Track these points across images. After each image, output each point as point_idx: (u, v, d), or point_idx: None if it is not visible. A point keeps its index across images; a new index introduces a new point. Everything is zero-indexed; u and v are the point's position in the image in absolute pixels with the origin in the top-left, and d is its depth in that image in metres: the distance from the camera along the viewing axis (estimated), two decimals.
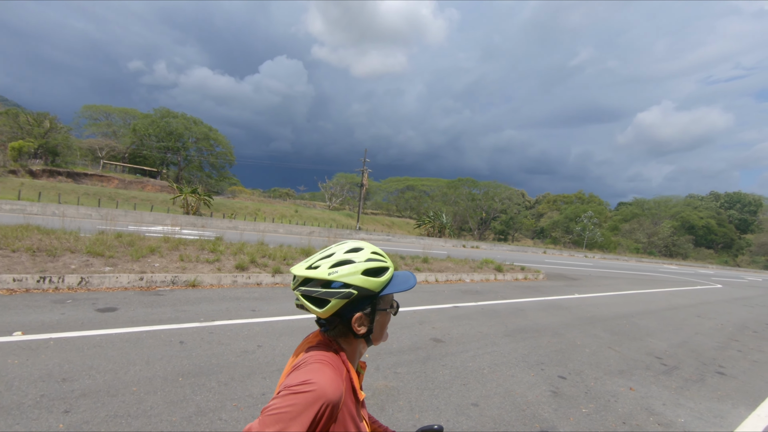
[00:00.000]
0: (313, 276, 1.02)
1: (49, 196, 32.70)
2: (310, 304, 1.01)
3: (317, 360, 0.95)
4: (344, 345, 1.05)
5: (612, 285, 15.73)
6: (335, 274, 1.00)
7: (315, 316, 1.03)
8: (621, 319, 8.61)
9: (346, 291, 0.99)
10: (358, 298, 1.01)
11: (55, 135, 47.53)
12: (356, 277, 1.00)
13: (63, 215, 14.07)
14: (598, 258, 46.97)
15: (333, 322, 1.03)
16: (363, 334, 1.03)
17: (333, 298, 0.98)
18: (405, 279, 1.08)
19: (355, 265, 1.02)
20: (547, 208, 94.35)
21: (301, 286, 1.03)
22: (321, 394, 0.85)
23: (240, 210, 44.94)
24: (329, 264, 1.02)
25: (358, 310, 1.02)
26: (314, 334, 1.11)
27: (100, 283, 6.69)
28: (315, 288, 1.01)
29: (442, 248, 30.75)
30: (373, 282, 1.01)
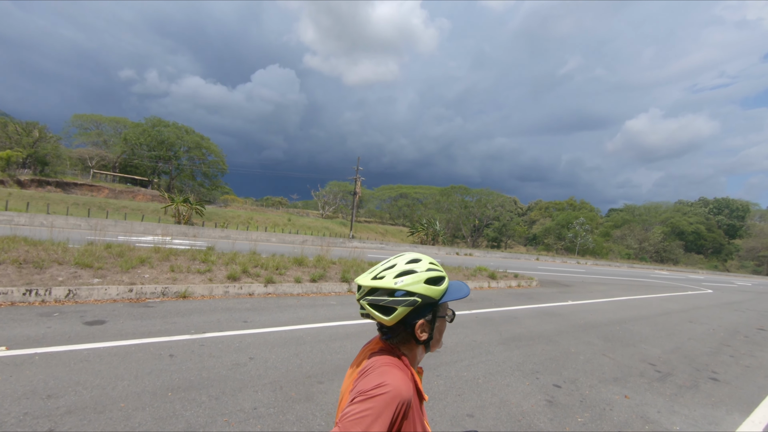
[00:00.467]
0: (379, 285, 1.09)
1: (38, 206, 32.24)
2: (377, 312, 1.09)
3: (384, 364, 1.03)
4: (405, 351, 1.12)
5: (605, 291, 15.80)
6: (401, 283, 1.08)
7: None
8: (614, 326, 8.63)
9: (411, 299, 1.07)
10: (421, 305, 1.08)
11: (44, 144, 47.04)
12: (419, 285, 1.08)
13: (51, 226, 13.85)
14: (591, 264, 47.26)
15: (396, 329, 1.11)
16: (424, 340, 1.11)
17: (399, 306, 1.06)
18: (460, 287, 1.16)
19: (417, 275, 1.10)
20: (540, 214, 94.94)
21: (367, 295, 1.11)
22: (396, 394, 0.93)
23: (232, 219, 44.64)
24: (393, 274, 1.10)
25: (421, 317, 1.09)
26: (374, 342, 1.18)
27: (88, 296, 6.57)
28: (382, 297, 1.08)
29: (435, 255, 30.72)
30: (434, 290, 1.09)
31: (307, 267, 10.65)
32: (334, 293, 9.44)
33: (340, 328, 6.24)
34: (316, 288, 9.33)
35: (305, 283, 9.24)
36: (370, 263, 12.66)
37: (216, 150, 63.10)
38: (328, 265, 11.18)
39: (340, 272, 10.41)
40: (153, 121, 58.67)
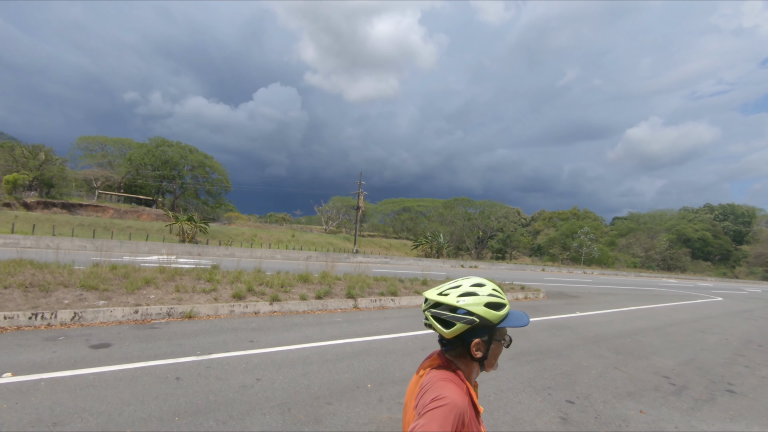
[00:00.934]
0: (443, 301, 1.23)
1: (44, 228, 32.45)
2: (438, 324, 1.23)
3: (440, 378, 1.15)
4: (461, 365, 1.23)
5: (613, 302, 15.61)
6: (462, 302, 1.20)
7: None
8: (625, 338, 8.49)
9: (470, 318, 1.19)
10: (479, 326, 1.20)
11: (50, 167, 47.60)
12: (479, 307, 1.20)
13: (57, 248, 13.90)
14: (597, 274, 46.82)
15: (454, 343, 1.23)
16: (479, 358, 1.22)
17: (458, 322, 1.19)
18: (520, 317, 1.26)
19: (479, 298, 1.22)
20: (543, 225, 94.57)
21: (432, 308, 1.25)
22: (453, 405, 1.04)
23: (236, 236, 44.72)
24: (457, 293, 1.23)
25: (477, 336, 1.21)
26: (434, 357, 1.29)
27: (93, 318, 6.54)
28: (444, 311, 1.22)
29: (440, 269, 30.57)
30: (492, 314, 1.20)
31: (312, 284, 10.60)
32: (339, 310, 9.37)
33: (347, 346, 6.17)
34: (321, 305, 9.27)
35: (311, 301, 9.18)
36: (376, 278, 12.59)
37: (219, 168, 63.61)
38: (333, 281, 11.12)
39: (346, 288, 10.35)
40: (157, 141, 59.35)
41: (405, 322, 8.39)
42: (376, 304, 10.22)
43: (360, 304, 9.88)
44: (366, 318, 8.63)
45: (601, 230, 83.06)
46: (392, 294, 10.90)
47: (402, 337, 7.04)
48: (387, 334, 7.13)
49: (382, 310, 9.88)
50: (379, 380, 4.69)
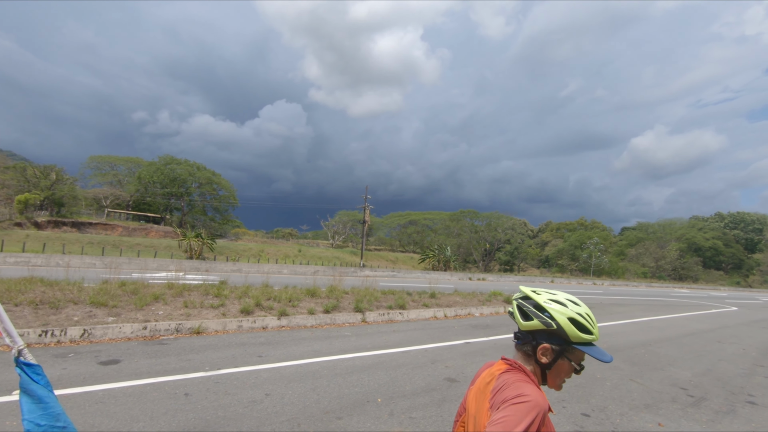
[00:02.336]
0: (533, 297, 1.28)
1: (54, 246, 32.80)
2: (518, 314, 1.27)
3: (518, 380, 1.14)
4: (526, 366, 1.23)
5: (625, 312, 15.35)
6: (549, 306, 1.23)
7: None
8: (639, 348, 8.31)
9: (548, 321, 1.20)
10: (555, 333, 1.21)
11: (61, 186, 48.34)
12: (562, 318, 1.21)
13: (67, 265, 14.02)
14: (608, 284, 46.16)
15: (526, 338, 1.25)
16: (543, 363, 1.22)
17: (536, 318, 1.22)
18: (603, 352, 1.23)
19: (566, 309, 1.23)
20: (551, 236, 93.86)
21: (521, 299, 1.31)
22: (536, 403, 1.02)
23: (244, 252, 44.85)
24: (549, 297, 1.27)
25: (549, 342, 1.21)
26: (499, 363, 1.29)
27: (103, 335, 6.55)
28: (529, 305, 1.26)
29: (448, 282, 30.33)
30: (572, 330, 1.20)
31: (320, 298, 10.55)
32: (348, 324, 9.30)
33: (357, 360, 6.10)
34: (329, 319, 9.20)
35: (319, 315, 9.13)
36: (383, 291, 12.51)
37: (227, 185, 64.19)
38: (341, 295, 11.07)
39: (354, 302, 10.29)
40: (166, 159, 60.17)
41: (414, 335, 8.29)
42: (384, 317, 10.13)
43: (368, 318, 9.81)
44: (375, 331, 8.55)
45: (609, 240, 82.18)
46: (400, 307, 10.81)
47: (412, 350, 6.96)
48: (396, 348, 7.04)
49: (390, 323, 9.79)
50: (389, 394, 4.62)
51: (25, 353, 1.24)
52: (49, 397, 1.26)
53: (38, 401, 1.22)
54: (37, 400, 1.22)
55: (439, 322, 10.40)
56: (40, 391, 1.24)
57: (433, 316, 11.13)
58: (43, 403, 1.23)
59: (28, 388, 1.22)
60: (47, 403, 1.23)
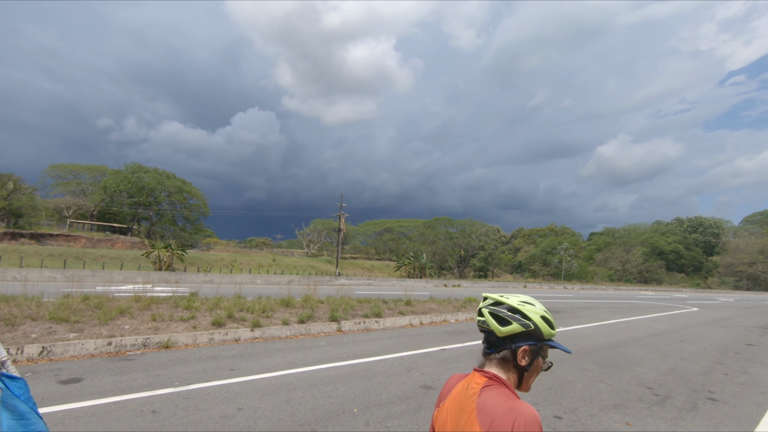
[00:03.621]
0: (505, 302, 1.28)
1: (11, 260, 31.05)
2: (494, 321, 1.25)
3: (506, 397, 1.13)
4: (503, 377, 1.22)
5: (594, 315, 15.82)
6: (523, 307, 1.26)
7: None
8: (608, 350, 8.58)
9: (526, 322, 1.22)
10: (530, 334, 1.23)
11: (18, 196, 45.93)
12: (537, 317, 1.24)
13: (25, 280, 13.29)
14: (578, 288, 47.51)
15: (502, 345, 1.24)
16: (522, 366, 1.23)
17: (515, 322, 1.22)
18: (563, 346, 1.28)
19: (536, 308, 1.27)
20: (523, 242, 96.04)
21: (491, 306, 1.29)
22: (535, 419, 1.06)
23: (216, 263, 43.74)
24: (519, 299, 1.29)
25: (526, 343, 1.23)
26: (474, 374, 1.26)
27: (63, 352, 6.23)
28: (503, 310, 1.25)
29: (423, 289, 30.47)
30: (546, 328, 1.24)
31: (295, 308, 10.40)
32: (323, 333, 9.19)
33: (332, 370, 6.03)
34: (304, 329, 9.08)
35: (293, 325, 8.99)
36: (359, 300, 12.45)
37: (198, 193, 62.56)
38: (316, 304, 10.94)
39: (329, 311, 10.19)
40: (133, 167, 58.15)
41: (390, 344, 8.28)
42: (360, 326, 10.07)
43: (344, 327, 9.73)
44: (350, 341, 8.49)
45: (579, 246, 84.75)
46: (376, 315, 10.78)
47: (387, 359, 6.94)
48: (372, 357, 7.01)
49: (366, 332, 9.74)
50: (365, 404, 4.58)
51: (8, 365, 1.19)
52: (32, 414, 1.20)
53: (20, 417, 1.17)
54: (18, 416, 1.17)
55: (415, 330, 10.42)
56: (22, 407, 1.18)
57: (409, 324, 11.15)
58: (25, 420, 1.17)
59: (10, 403, 1.16)
60: (29, 420, 1.18)
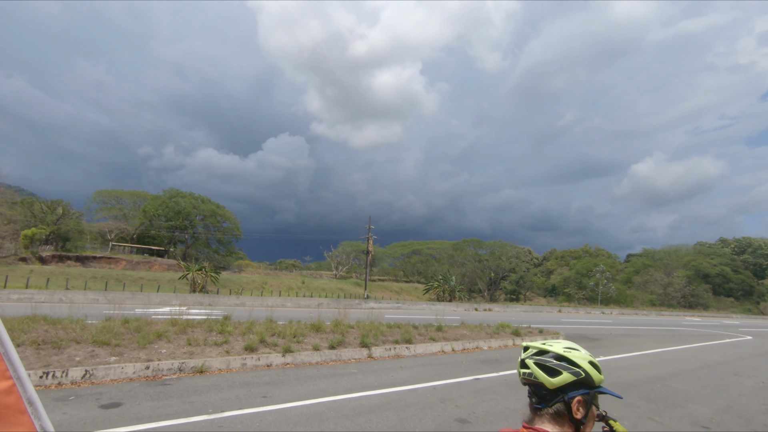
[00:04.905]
0: (549, 349, 1.20)
1: (58, 281, 32.71)
2: (542, 372, 1.16)
3: None
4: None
5: (637, 344, 14.96)
6: (569, 353, 1.18)
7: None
8: (654, 383, 8.05)
9: (576, 369, 1.15)
10: (581, 382, 1.15)
11: (66, 221, 48.77)
12: (585, 362, 1.17)
13: (71, 302, 13.92)
14: (616, 314, 45.26)
15: (553, 399, 1.15)
16: (579, 419, 1.14)
17: (565, 371, 1.14)
18: (604, 376, 1.22)
19: (582, 353, 1.20)
20: (556, 264, 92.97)
21: (535, 356, 1.21)
22: None
23: (247, 285, 44.55)
24: (563, 346, 1.21)
25: (579, 394, 1.15)
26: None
27: (104, 375, 6.42)
28: (550, 359, 1.18)
29: (454, 313, 29.83)
30: (595, 373, 1.17)
31: (325, 333, 10.38)
32: (354, 360, 9.09)
33: (364, 399, 5.92)
34: (335, 355, 9.01)
35: (324, 351, 8.95)
36: (389, 325, 12.30)
37: (231, 217, 64.52)
38: (346, 329, 10.88)
39: (359, 337, 10.10)
40: (171, 192, 60.85)
41: (422, 372, 8.08)
42: (390, 352, 9.92)
43: (374, 353, 9.60)
44: (381, 368, 8.35)
45: (616, 268, 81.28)
46: (407, 342, 10.59)
47: (420, 388, 6.76)
48: (404, 386, 6.85)
49: (397, 359, 9.57)
50: None
51: None
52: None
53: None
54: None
55: (447, 357, 10.15)
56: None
57: (440, 350, 10.88)
58: None
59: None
60: None
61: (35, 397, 1.22)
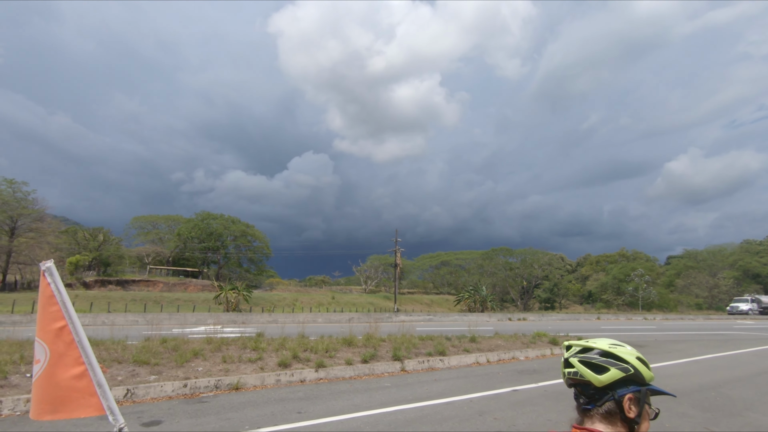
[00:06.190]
0: (593, 346, 1.15)
1: (100, 305, 34.13)
2: (588, 370, 1.10)
3: None
4: None
5: (684, 350, 14.14)
6: (616, 349, 1.12)
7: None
8: (708, 391, 7.55)
9: (624, 365, 1.08)
10: (630, 379, 1.08)
11: (107, 247, 51.14)
12: (632, 358, 1.10)
13: (112, 324, 14.48)
14: (660, 319, 43.05)
15: (602, 397, 1.09)
16: (632, 418, 1.06)
17: (613, 367, 1.08)
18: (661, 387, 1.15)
19: (629, 350, 1.13)
20: (591, 269, 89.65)
21: (579, 353, 1.16)
22: None
23: (278, 302, 45.13)
24: (608, 342, 1.16)
25: (630, 391, 1.08)
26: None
27: (145, 394, 6.58)
28: (595, 356, 1.12)
29: (487, 323, 29.15)
30: (645, 369, 1.10)
31: (357, 347, 10.32)
32: (387, 373, 8.98)
33: (399, 413, 5.81)
34: (368, 369, 8.93)
35: (357, 365, 8.88)
36: (421, 337, 12.12)
37: (261, 236, 65.97)
38: (378, 343, 10.79)
39: (392, 350, 9.98)
40: (203, 215, 62.94)
41: (457, 384, 7.89)
42: (424, 365, 9.74)
43: (407, 367, 9.45)
44: (415, 381, 8.20)
45: (656, 271, 77.58)
46: (440, 354, 10.39)
47: (456, 401, 6.59)
48: (439, 399, 6.69)
49: (431, 371, 9.39)
50: None
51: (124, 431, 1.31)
52: None
53: None
54: None
55: (482, 368, 9.88)
56: None
57: (475, 362, 10.61)
58: None
59: None
60: None
61: (103, 380, 1.31)
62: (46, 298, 1.29)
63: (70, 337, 1.27)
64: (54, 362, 1.24)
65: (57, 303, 1.30)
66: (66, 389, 1.23)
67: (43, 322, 1.26)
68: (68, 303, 1.32)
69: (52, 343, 1.25)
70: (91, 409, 1.22)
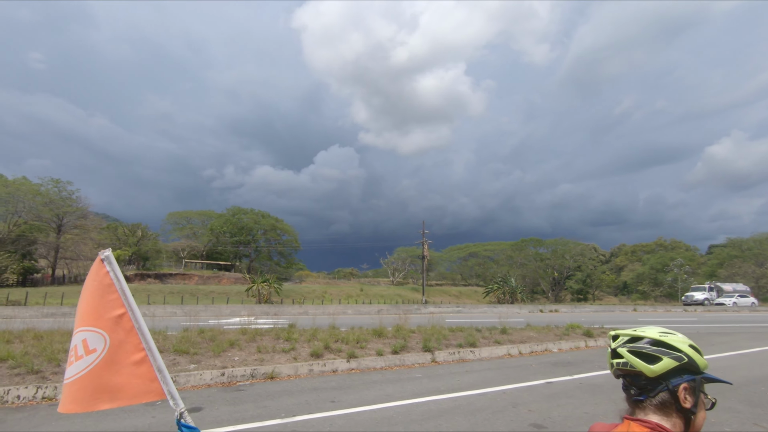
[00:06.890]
0: (642, 335, 1.09)
1: (140, 298, 35.75)
2: (639, 360, 1.04)
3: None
4: (668, 425, 1.01)
5: (729, 343, 13.48)
6: (667, 337, 1.06)
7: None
8: (757, 386, 7.18)
9: (677, 354, 1.03)
10: (684, 368, 1.03)
11: (145, 242, 53.43)
12: (685, 346, 1.04)
13: (153, 315, 15.13)
14: (702, 310, 41.22)
15: (655, 387, 1.04)
16: (688, 408, 1.01)
17: (665, 356, 1.02)
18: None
19: (681, 338, 1.07)
20: (626, 260, 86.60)
21: (627, 343, 1.09)
22: None
23: (308, 294, 45.96)
24: (658, 330, 1.10)
25: (684, 381, 1.02)
26: (626, 424, 1.05)
27: (185, 382, 6.85)
28: (645, 345, 1.06)
29: (517, 315, 28.71)
30: (699, 357, 1.04)
31: (387, 338, 10.39)
32: (417, 365, 9.00)
33: (431, 404, 5.82)
34: (399, 360, 8.98)
35: (387, 356, 8.95)
36: (451, 329, 12.07)
37: (290, 230, 67.23)
38: (408, 334, 10.82)
39: (422, 341, 10.00)
40: (234, 210, 64.67)
41: (489, 376, 7.82)
42: (454, 356, 9.71)
43: (438, 358, 9.45)
44: (446, 372, 8.19)
45: (697, 261, 74.13)
46: (471, 345, 10.32)
47: (488, 392, 6.53)
48: (471, 390, 6.66)
49: (461, 363, 9.35)
50: None
51: (185, 416, 1.36)
52: None
53: None
54: None
55: (514, 360, 9.76)
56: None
57: (506, 354, 10.49)
58: None
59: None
60: None
61: (163, 366, 1.36)
62: (105, 287, 1.34)
63: (129, 324, 1.31)
64: (114, 350, 1.29)
65: (116, 291, 1.34)
66: (127, 375, 1.28)
67: (100, 311, 1.31)
68: (127, 291, 1.37)
69: (112, 331, 1.30)
70: (152, 395, 1.26)
